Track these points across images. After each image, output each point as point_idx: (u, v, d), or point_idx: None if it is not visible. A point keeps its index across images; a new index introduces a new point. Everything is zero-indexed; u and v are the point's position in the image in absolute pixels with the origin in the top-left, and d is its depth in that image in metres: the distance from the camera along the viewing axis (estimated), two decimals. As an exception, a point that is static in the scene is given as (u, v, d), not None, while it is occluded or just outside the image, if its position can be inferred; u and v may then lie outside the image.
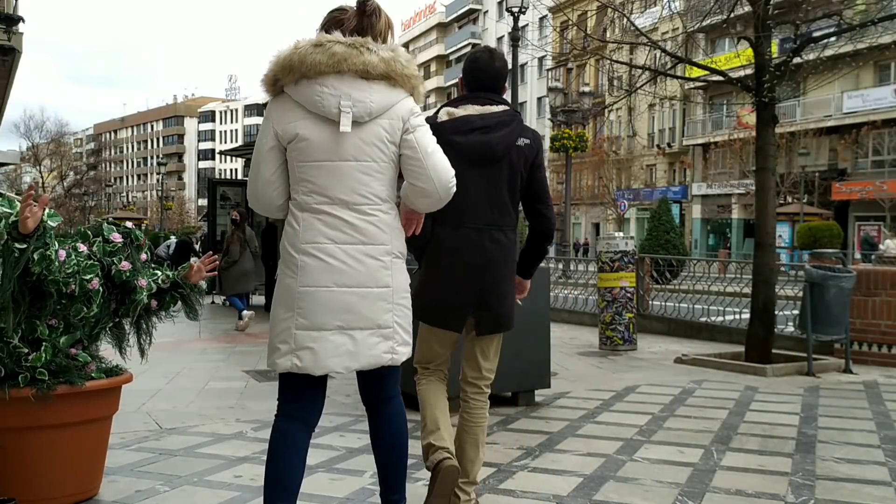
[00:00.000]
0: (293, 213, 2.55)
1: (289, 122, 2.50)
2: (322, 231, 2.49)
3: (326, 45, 2.46)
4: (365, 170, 2.51)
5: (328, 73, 2.45)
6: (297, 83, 2.48)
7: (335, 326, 2.49)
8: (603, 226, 44.79)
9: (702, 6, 9.36)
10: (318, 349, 2.49)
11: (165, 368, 7.10)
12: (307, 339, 2.49)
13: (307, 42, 2.49)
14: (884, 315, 7.66)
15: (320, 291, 2.48)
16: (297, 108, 2.49)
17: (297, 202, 2.54)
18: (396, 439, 2.72)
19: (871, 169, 30.93)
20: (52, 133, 69.65)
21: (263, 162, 2.55)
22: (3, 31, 10.76)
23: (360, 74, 2.47)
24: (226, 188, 15.74)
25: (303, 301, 2.49)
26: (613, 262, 8.86)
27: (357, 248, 2.51)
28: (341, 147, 2.48)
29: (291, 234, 2.54)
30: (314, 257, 2.49)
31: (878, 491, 3.68)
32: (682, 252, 20.28)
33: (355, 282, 2.50)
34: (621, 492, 3.61)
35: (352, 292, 2.50)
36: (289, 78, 2.48)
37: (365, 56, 2.47)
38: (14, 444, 3.16)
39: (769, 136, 7.52)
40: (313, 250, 2.49)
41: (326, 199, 2.50)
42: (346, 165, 2.49)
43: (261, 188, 2.57)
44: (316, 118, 2.47)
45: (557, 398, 5.83)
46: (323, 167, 2.49)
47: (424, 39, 72.72)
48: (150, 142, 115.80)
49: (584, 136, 25.82)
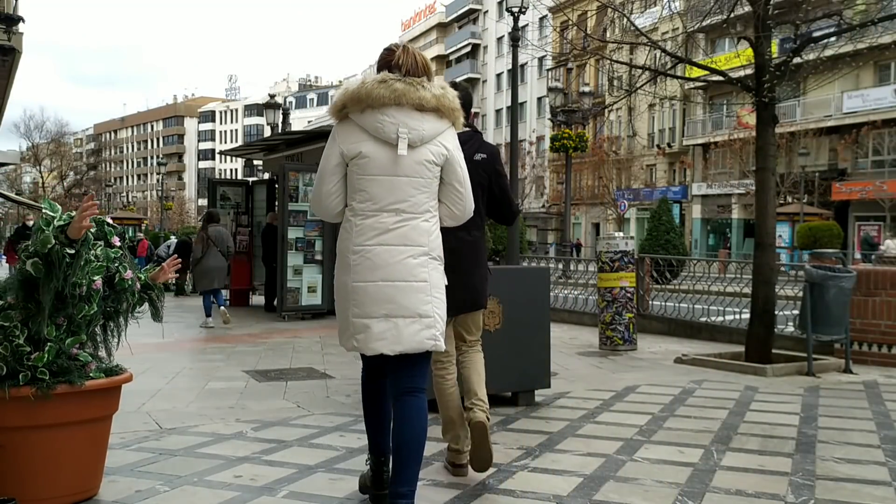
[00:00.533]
0: (349, 219, 3.04)
1: (353, 142, 2.99)
2: (372, 235, 2.97)
3: (389, 81, 2.97)
4: (414, 185, 3.01)
5: (390, 105, 2.96)
6: (363, 112, 2.98)
7: (381, 315, 2.95)
8: (603, 226, 44.79)
9: (702, 6, 9.36)
10: (367, 334, 2.97)
11: (165, 368, 7.10)
12: (360, 326, 2.98)
13: (373, 79, 2.99)
14: (884, 315, 7.66)
15: (369, 286, 2.96)
16: (361, 132, 2.99)
17: (354, 209, 3.02)
18: (417, 434, 3.00)
19: (871, 169, 30.93)
20: (52, 133, 69.73)
21: (329, 174, 3.04)
22: (3, 31, 10.76)
23: (416, 107, 2.99)
24: (226, 188, 15.74)
25: (356, 294, 2.98)
26: (613, 262, 8.86)
27: (398, 249, 2.98)
28: (397, 165, 2.98)
29: (346, 238, 3.04)
30: (364, 257, 2.97)
31: (878, 491, 3.68)
32: (682, 252, 20.28)
33: (396, 276, 2.96)
34: (621, 492, 3.61)
35: (393, 286, 2.96)
36: (356, 107, 2.99)
37: (420, 92, 3.00)
38: (14, 443, 3.16)
39: (769, 136, 7.52)
40: (363, 251, 2.97)
41: (379, 207, 2.98)
42: (399, 180, 2.99)
43: (325, 197, 3.05)
44: (376, 140, 2.98)
45: (557, 398, 5.83)
46: (380, 181, 2.98)
47: (424, 39, 72.70)
48: (150, 142, 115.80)
49: (584, 136, 25.82)
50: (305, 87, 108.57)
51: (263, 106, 24.28)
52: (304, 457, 4.15)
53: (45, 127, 69.11)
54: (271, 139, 15.15)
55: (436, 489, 3.62)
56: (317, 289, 11.77)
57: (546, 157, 47.36)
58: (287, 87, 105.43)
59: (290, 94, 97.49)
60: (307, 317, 11.71)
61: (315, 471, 3.89)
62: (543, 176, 49.68)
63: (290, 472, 3.87)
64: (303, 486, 3.64)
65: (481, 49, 63.24)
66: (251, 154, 18.32)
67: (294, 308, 11.61)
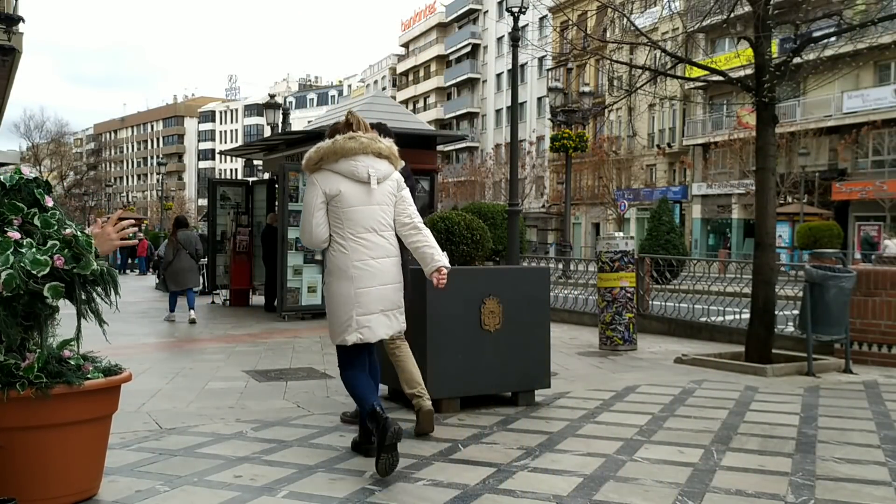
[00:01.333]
0: (339, 242, 3.95)
1: (333, 184, 3.94)
2: (364, 252, 3.94)
3: (356, 137, 3.97)
4: (383, 210, 4.03)
5: (359, 154, 3.95)
6: (338, 161, 3.94)
7: (379, 310, 3.97)
8: (603, 226, 44.77)
9: (702, 6, 9.36)
10: (372, 326, 3.95)
11: (165, 368, 7.10)
12: (365, 322, 3.93)
13: (343, 137, 3.96)
14: (884, 315, 7.66)
15: (371, 290, 3.94)
16: (337, 176, 3.94)
17: (342, 234, 3.94)
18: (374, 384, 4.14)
19: (871, 169, 30.93)
20: (52, 133, 69.64)
21: (317, 210, 3.94)
22: (3, 31, 10.76)
23: (375, 154, 4.01)
24: (226, 188, 15.74)
25: (360, 298, 3.92)
26: (613, 262, 8.86)
27: (386, 261, 4.01)
28: (370, 196, 3.97)
29: (342, 256, 3.95)
30: (364, 270, 3.93)
31: (878, 491, 3.68)
32: (682, 252, 20.26)
33: (388, 280, 4.00)
34: (621, 492, 3.61)
35: (387, 288, 4.00)
36: (332, 157, 3.94)
37: (378, 144, 4.04)
38: (14, 444, 3.16)
39: (769, 136, 7.52)
40: (361, 265, 3.94)
41: (363, 229, 3.95)
42: (373, 208, 3.98)
43: (315, 228, 3.95)
44: (351, 180, 3.95)
45: (557, 398, 5.83)
46: (360, 209, 3.94)
47: (424, 39, 72.71)
48: (150, 142, 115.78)
49: (584, 136, 25.79)
50: (305, 87, 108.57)
51: (263, 106, 24.27)
52: (304, 457, 4.15)
53: (45, 127, 69.09)
54: (271, 139, 15.14)
55: (436, 489, 3.62)
56: (317, 289, 11.77)
57: (546, 157, 47.35)
58: (287, 87, 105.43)
59: (290, 94, 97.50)
60: (307, 317, 11.71)
61: (315, 471, 3.89)
62: (543, 176, 49.68)
63: (290, 472, 3.87)
64: (303, 486, 3.64)
65: (481, 49, 63.23)
66: (251, 154, 18.31)
67: (294, 308, 11.61)
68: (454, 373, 5.27)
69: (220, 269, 15.21)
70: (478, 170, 51.10)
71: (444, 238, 10.45)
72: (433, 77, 70.18)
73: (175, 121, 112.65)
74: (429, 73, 71.47)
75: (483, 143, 60.74)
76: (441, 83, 68.25)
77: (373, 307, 3.92)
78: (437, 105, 68.64)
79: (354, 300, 3.89)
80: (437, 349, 5.19)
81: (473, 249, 10.95)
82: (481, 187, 48.98)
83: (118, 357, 3.69)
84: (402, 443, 4.46)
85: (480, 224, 10.51)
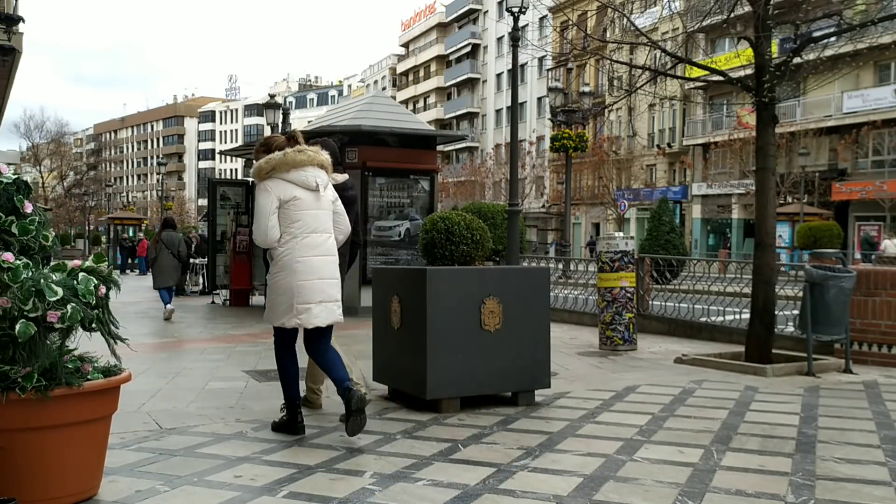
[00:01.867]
0: (289, 241, 4.46)
1: (288, 191, 4.46)
2: (309, 249, 4.49)
3: (304, 151, 4.54)
4: (326, 214, 4.63)
5: (307, 165, 4.51)
6: (289, 171, 4.48)
7: (318, 301, 4.50)
8: (603, 226, 44.76)
9: (702, 6, 9.35)
10: (308, 314, 4.47)
11: (165, 368, 7.10)
12: (304, 309, 4.46)
13: (293, 150, 4.51)
14: (884, 315, 7.66)
15: (311, 282, 4.48)
16: (288, 184, 4.48)
17: (293, 234, 4.47)
18: (338, 360, 4.65)
19: (871, 169, 30.92)
20: (52, 133, 69.54)
21: (271, 214, 4.44)
22: (3, 31, 10.75)
23: (318, 166, 4.58)
24: (226, 188, 15.75)
25: (300, 289, 4.45)
26: (613, 262, 8.86)
27: (326, 259, 4.58)
28: (318, 202, 4.57)
29: (289, 252, 4.47)
30: (306, 265, 4.47)
31: (878, 491, 3.68)
32: (683, 252, 20.25)
33: (326, 275, 4.56)
34: (621, 492, 3.61)
35: (324, 282, 4.54)
36: (284, 168, 4.47)
37: (320, 157, 4.63)
38: (14, 444, 3.16)
39: (769, 136, 7.52)
40: (304, 260, 4.48)
41: (310, 230, 4.51)
42: (320, 212, 4.58)
43: (270, 229, 4.44)
44: (301, 188, 4.50)
45: (557, 398, 5.83)
46: (309, 213, 4.52)
47: (424, 39, 72.70)
48: (150, 142, 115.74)
49: (584, 136, 25.77)
50: (305, 87, 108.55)
51: (263, 106, 24.27)
52: (304, 457, 4.15)
53: (45, 127, 68.98)
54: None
55: (436, 489, 3.63)
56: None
57: (546, 157, 47.33)
58: (287, 87, 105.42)
59: (290, 94, 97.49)
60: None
61: (315, 471, 3.89)
62: (543, 176, 49.66)
63: (290, 472, 3.87)
64: (303, 486, 3.64)
65: (481, 49, 63.23)
66: (251, 154, 18.29)
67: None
68: (454, 373, 5.27)
69: (221, 269, 15.21)
70: (478, 170, 51.11)
71: (444, 238, 10.52)
72: (433, 77, 70.17)
73: (175, 121, 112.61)
74: (429, 73, 71.47)
75: (483, 143, 60.75)
76: (441, 83, 68.24)
77: (312, 298, 4.45)
78: (437, 105, 68.65)
79: (296, 290, 4.43)
80: (437, 349, 5.19)
81: (473, 249, 10.97)
82: (481, 187, 48.99)
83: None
84: (403, 443, 4.47)
85: (480, 224, 10.48)
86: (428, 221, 10.93)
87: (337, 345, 4.92)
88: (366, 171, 12.11)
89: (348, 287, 12.17)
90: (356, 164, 12.04)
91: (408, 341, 5.41)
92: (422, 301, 5.18)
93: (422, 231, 10.98)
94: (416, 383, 5.33)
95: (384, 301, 5.73)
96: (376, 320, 5.91)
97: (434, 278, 5.22)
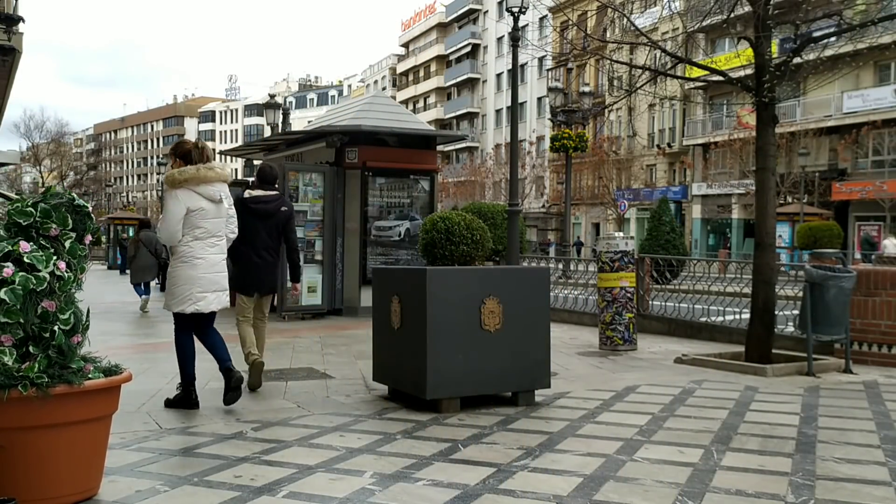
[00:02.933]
0: (190, 243, 5.28)
1: (194, 201, 5.25)
2: (207, 250, 5.34)
3: (214, 168, 5.32)
4: (223, 222, 5.46)
5: (215, 181, 5.32)
6: (199, 185, 5.25)
7: (212, 290, 5.34)
8: (603, 226, 44.77)
9: (702, 6, 9.35)
10: (205, 301, 5.31)
11: (165, 368, 7.10)
12: (201, 297, 5.29)
13: (205, 166, 5.27)
14: (884, 315, 7.66)
15: (207, 275, 5.31)
16: (196, 195, 5.25)
17: (195, 236, 5.29)
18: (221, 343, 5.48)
19: (871, 169, 30.91)
20: (52, 133, 69.66)
21: (179, 219, 5.22)
22: (3, 31, 10.75)
23: (222, 180, 5.39)
24: (226, 188, 15.70)
25: (199, 280, 5.28)
26: (613, 262, 8.86)
27: (219, 255, 5.43)
28: (219, 211, 5.38)
29: (191, 250, 5.28)
30: (205, 260, 5.31)
31: (878, 491, 3.68)
32: (683, 252, 20.25)
33: (219, 270, 5.40)
34: (621, 492, 3.61)
35: (217, 275, 5.38)
36: (194, 181, 5.23)
37: (224, 172, 5.46)
38: (14, 444, 3.16)
39: (769, 136, 7.52)
40: (203, 257, 5.31)
41: (209, 234, 5.34)
42: (218, 220, 5.40)
43: (175, 234, 5.24)
44: (206, 199, 5.28)
45: (557, 398, 5.83)
46: (211, 221, 5.33)
47: (424, 39, 72.68)
48: (150, 142, 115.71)
49: (584, 136, 25.77)
50: (305, 87, 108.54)
51: (263, 106, 24.26)
52: (304, 457, 4.15)
53: (45, 127, 69.09)
54: (271, 139, 15.13)
55: (436, 489, 3.63)
56: (317, 289, 11.78)
57: (546, 157, 47.31)
58: (287, 87, 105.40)
59: (290, 94, 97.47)
60: (307, 317, 11.71)
61: (315, 471, 3.89)
62: (543, 176, 49.66)
63: (290, 472, 3.87)
64: (303, 486, 3.64)
65: (481, 49, 63.22)
66: (251, 154, 18.30)
67: (294, 308, 11.60)
68: (454, 373, 5.27)
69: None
70: (478, 170, 51.09)
71: (444, 238, 10.53)
72: (433, 77, 70.15)
73: (175, 121, 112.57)
74: (429, 73, 71.46)
75: (483, 143, 60.74)
76: (441, 83, 68.22)
77: (208, 287, 5.28)
78: (437, 105, 68.63)
79: (196, 281, 5.25)
80: (437, 349, 5.19)
81: (473, 249, 10.96)
82: (481, 187, 48.97)
83: (118, 357, 3.69)
84: (403, 443, 4.48)
85: (480, 224, 10.49)
86: (428, 221, 10.93)
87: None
88: (366, 171, 12.11)
89: (348, 287, 12.34)
90: (356, 164, 12.05)
91: (408, 341, 5.41)
92: (422, 301, 5.18)
93: (422, 231, 10.98)
94: (416, 383, 5.33)
95: (384, 301, 5.73)
96: (376, 320, 5.92)
97: (434, 278, 5.22)
